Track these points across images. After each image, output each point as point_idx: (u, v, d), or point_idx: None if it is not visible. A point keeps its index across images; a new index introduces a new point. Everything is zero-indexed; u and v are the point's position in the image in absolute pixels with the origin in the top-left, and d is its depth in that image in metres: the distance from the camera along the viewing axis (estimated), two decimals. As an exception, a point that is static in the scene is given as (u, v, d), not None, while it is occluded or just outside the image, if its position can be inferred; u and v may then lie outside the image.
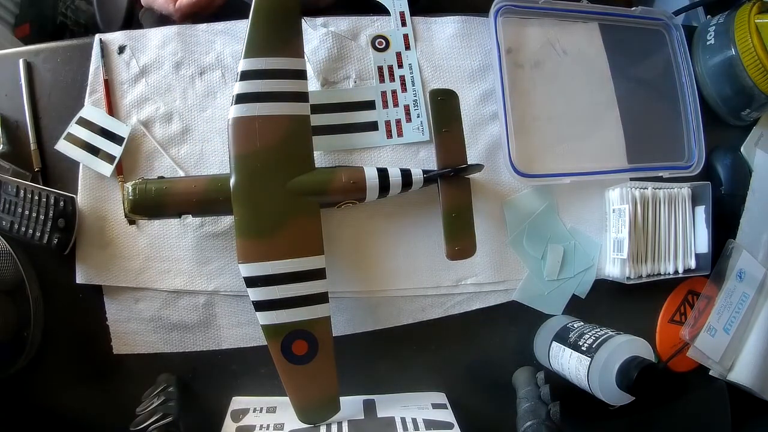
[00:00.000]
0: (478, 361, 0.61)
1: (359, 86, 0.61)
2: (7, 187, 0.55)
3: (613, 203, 0.62)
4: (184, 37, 0.60)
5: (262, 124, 0.51)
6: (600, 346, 0.52)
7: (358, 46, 0.61)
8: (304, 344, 0.51)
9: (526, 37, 0.64)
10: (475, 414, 0.59)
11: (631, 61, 0.66)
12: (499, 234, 0.61)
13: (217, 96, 0.60)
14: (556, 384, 0.55)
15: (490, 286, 0.61)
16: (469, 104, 0.62)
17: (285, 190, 0.51)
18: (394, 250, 0.60)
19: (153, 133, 0.59)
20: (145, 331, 0.58)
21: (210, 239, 0.58)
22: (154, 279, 0.58)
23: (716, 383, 0.64)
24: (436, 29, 0.63)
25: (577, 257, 0.62)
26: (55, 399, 0.58)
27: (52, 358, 0.58)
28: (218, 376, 0.59)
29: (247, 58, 0.52)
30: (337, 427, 0.52)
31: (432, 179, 0.56)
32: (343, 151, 0.60)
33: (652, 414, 0.64)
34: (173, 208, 0.51)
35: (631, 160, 0.64)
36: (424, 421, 0.52)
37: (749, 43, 0.60)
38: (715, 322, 0.63)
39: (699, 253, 0.63)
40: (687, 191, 0.64)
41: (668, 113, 0.66)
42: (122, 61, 0.60)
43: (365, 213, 0.59)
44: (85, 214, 0.57)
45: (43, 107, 0.59)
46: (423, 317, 0.60)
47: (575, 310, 0.62)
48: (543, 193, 0.62)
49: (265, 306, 0.50)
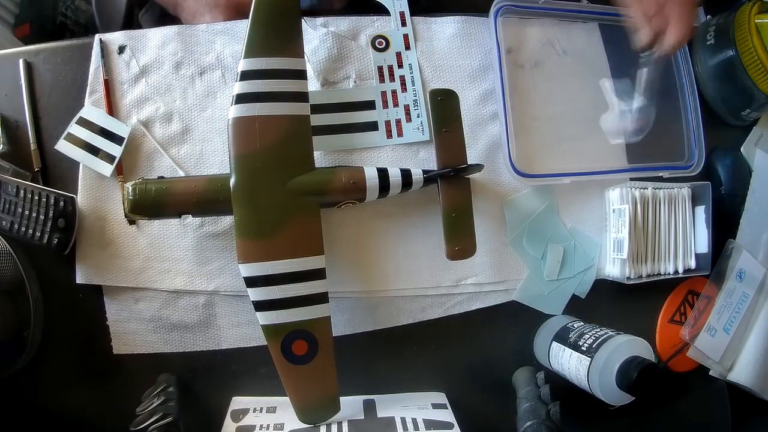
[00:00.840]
0: (478, 361, 0.61)
1: (359, 86, 0.61)
2: (7, 187, 0.55)
3: (613, 203, 0.62)
4: (184, 37, 0.60)
5: (262, 124, 0.51)
6: (600, 346, 0.52)
7: (358, 46, 0.61)
8: (304, 344, 0.51)
9: (526, 37, 0.64)
10: (475, 414, 0.59)
11: (631, 61, 0.66)
12: (499, 234, 0.61)
13: (217, 96, 0.60)
14: (556, 384, 0.55)
15: (490, 286, 0.61)
16: (469, 104, 0.62)
17: (285, 190, 0.51)
18: (394, 250, 0.60)
19: (153, 133, 0.59)
20: (145, 331, 0.58)
21: (210, 239, 0.58)
22: (154, 279, 0.58)
23: (716, 383, 0.64)
24: (436, 29, 0.63)
25: (577, 257, 0.62)
26: (55, 399, 0.58)
27: (52, 358, 0.58)
28: (218, 376, 0.59)
29: (247, 58, 0.52)
30: (337, 427, 0.52)
31: (432, 179, 0.56)
32: (343, 151, 0.60)
33: (652, 414, 0.64)
34: (173, 208, 0.51)
35: (631, 160, 0.64)
36: (424, 421, 0.52)
37: (749, 43, 0.60)
38: (715, 322, 0.63)
39: (699, 253, 0.63)
40: (687, 191, 0.64)
41: (668, 113, 0.66)
42: (122, 61, 0.60)
43: (365, 213, 0.59)
44: (85, 214, 0.57)
45: (43, 107, 0.59)
46: (423, 317, 0.60)
47: (575, 310, 0.62)
48: (543, 193, 0.62)
49: (265, 306, 0.50)
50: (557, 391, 0.54)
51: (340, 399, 0.53)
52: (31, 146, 0.58)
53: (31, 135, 0.58)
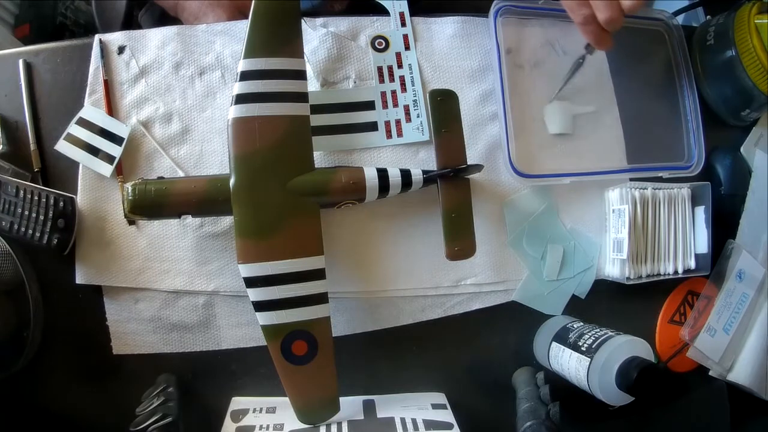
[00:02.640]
0: (478, 361, 0.61)
1: (359, 86, 0.61)
2: (6, 187, 0.55)
3: (613, 203, 0.62)
4: (184, 37, 0.60)
5: (262, 125, 0.51)
6: (600, 347, 0.52)
7: (358, 46, 0.61)
8: (304, 345, 0.51)
9: (526, 38, 0.64)
10: (475, 414, 0.59)
11: (631, 61, 0.66)
12: (499, 234, 0.61)
13: (217, 96, 0.60)
14: (556, 384, 0.55)
15: (490, 287, 0.61)
16: (469, 104, 0.62)
17: (285, 191, 0.51)
18: (394, 250, 0.60)
19: (153, 133, 0.59)
20: (145, 331, 0.58)
21: (210, 239, 0.58)
22: (153, 279, 0.58)
23: (716, 383, 0.64)
24: (436, 29, 0.63)
25: (576, 257, 0.62)
26: (55, 399, 0.58)
27: (52, 358, 0.58)
28: (218, 376, 0.59)
29: (246, 59, 0.51)
30: (336, 427, 0.52)
31: (432, 179, 0.56)
32: (343, 152, 0.60)
33: (652, 414, 0.64)
34: (173, 208, 0.51)
35: (631, 160, 0.64)
36: (423, 421, 0.52)
37: (749, 44, 0.60)
38: (714, 323, 0.63)
39: (699, 254, 0.63)
40: (687, 191, 0.64)
41: (668, 113, 0.66)
42: (122, 61, 0.60)
43: (365, 213, 0.59)
44: (84, 215, 0.57)
45: (42, 107, 0.59)
46: (423, 317, 0.60)
47: (575, 310, 0.62)
48: (543, 194, 0.62)
49: (265, 306, 0.50)
50: (557, 391, 0.54)
51: (339, 399, 0.53)
52: (31, 146, 0.58)
53: (31, 135, 0.58)
